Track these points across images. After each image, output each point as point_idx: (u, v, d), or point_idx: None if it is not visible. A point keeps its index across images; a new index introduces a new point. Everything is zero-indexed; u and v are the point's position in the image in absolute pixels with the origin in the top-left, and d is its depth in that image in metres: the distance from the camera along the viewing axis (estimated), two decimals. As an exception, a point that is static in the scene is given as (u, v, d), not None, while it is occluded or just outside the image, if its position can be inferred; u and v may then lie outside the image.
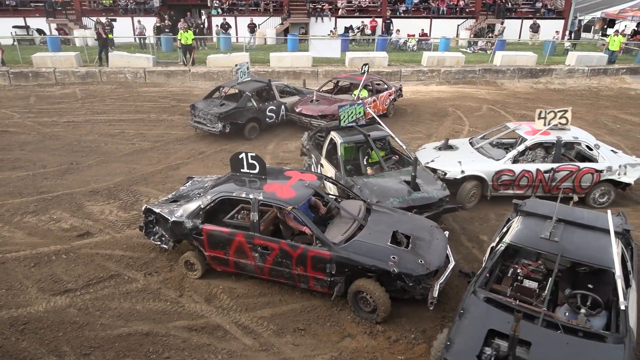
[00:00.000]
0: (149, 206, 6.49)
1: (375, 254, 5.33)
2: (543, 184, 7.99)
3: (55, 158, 10.15)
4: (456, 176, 7.75)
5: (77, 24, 24.49)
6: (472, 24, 27.00)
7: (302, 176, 6.23)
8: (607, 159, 8.06)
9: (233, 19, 25.15)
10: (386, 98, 12.92)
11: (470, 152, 8.40)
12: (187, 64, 17.95)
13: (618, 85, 18.50)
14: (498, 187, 7.97)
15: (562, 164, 7.96)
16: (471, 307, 4.53)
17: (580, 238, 4.93)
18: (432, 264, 5.32)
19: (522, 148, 8.07)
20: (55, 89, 16.01)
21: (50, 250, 6.81)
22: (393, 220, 6.02)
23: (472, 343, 4.16)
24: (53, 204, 8.17)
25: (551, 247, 4.81)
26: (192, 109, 11.42)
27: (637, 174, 8.09)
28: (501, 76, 18.69)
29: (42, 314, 5.58)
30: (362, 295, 5.37)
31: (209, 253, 6.01)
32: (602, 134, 12.35)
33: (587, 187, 8.06)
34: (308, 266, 5.52)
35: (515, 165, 7.92)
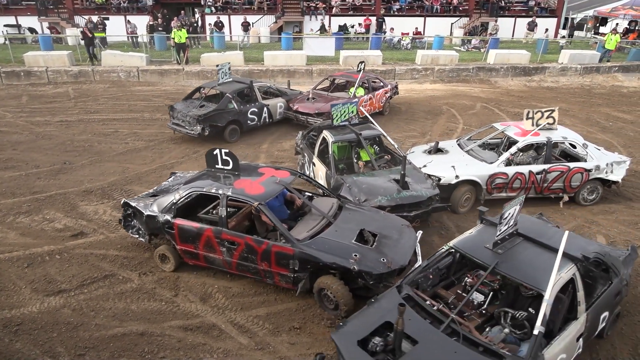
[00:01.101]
0: (127, 200, 6.61)
1: (337, 251, 5.37)
2: (535, 185, 8.01)
3: (48, 158, 10.08)
4: (451, 181, 7.64)
5: (70, 22, 24.29)
6: (465, 22, 27.07)
7: (275, 173, 6.32)
8: (595, 158, 8.12)
9: (227, 17, 25.06)
10: (382, 96, 12.93)
11: (461, 155, 8.29)
12: (180, 63, 17.87)
13: (610, 83, 18.64)
14: (492, 190, 7.92)
15: (553, 165, 7.99)
16: (384, 299, 4.63)
17: (530, 256, 4.65)
18: (394, 263, 5.33)
19: (514, 150, 8.02)
20: (48, 88, 15.89)
21: (43, 250, 6.77)
22: (363, 218, 6.07)
23: (362, 329, 4.27)
24: (46, 204, 8.12)
25: (488, 258, 4.59)
26: (170, 110, 10.99)
27: (623, 171, 8.16)
28: (495, 74, 18.76)
29: (36, 315, 5.55)
30: (325, 292, 5.42)
31: (180, 247, 6.12)
32: (595, 132, 12.44)
33: (576, 186, 8.11)
34: (272, 262, 5.58)
35: (509, 168, 7.88)
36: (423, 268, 5.01)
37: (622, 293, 5.11)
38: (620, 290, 5.03)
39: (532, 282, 4.31)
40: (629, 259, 5.47)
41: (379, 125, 8.54)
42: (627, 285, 5.27)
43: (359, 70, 12.58)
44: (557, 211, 8.10)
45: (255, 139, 11.29)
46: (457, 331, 4.15)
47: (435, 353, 3.93)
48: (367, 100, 12.26)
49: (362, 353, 4.06)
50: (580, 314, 4.47)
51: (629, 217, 7.98)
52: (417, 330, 4.13)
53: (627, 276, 5.26)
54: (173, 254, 6.22)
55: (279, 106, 11.87)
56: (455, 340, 4.02)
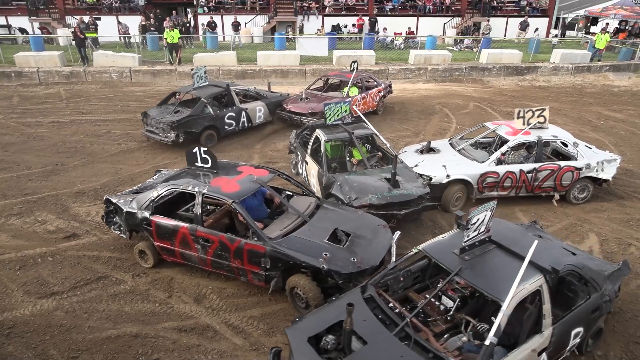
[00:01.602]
0: (108, 196, 6.70)
1: (307, 250, 5.40)
2: (526, 184, 8.05)
3: (40, 159, 10.00)
4: (442, 181, 7.69)
5: (61, 22, 24.11)
6: (458, 22, 27.19)
7: (253, 171, 6.37)
8: (585, 156, 8.16)
9: (219, 17, 24.99)
10: (376, 95, 12.96)
11: (453, 154, 8.33)
12: (173, 63, 17.79)
13: (601, 82, 18.80)
14: (483, 189, 7.97)
15: (544, 164, 8.03)
16: (345, 298, 4.65)
17: (498, 264, 4.48)
18: (365, 263, 5.33)
19: (505, 149, 8.06)
20: (39, 89, 15.76)
21: (35, 252, 6.72)
22: (338, 217, 6.11)
23: (316, 326, 4.29)
24: (38, 205, 8.05)
25: (451, 263, 4.48)
26: (144, 117, 10.64)
27: (613, 170, 8.22)
28: (487, 74, 18.86)
29: (28, 318, 5.51)
30: (296, 290, 5.44)
31: (158, 243, 6.20)
32: (587, 131, 12.54)
33: (567, 185, 8.16)
34: (245, 259, 5.63)
35: (499, 167, 7.92)
36: (391, 269, 4.97)
37: (601, 309, 4.84)
38: (599, 307, 4.79)
39: (492, 291, 4.14)
40: (616, 275, 5.21)
41: (372, 124, 8.55)
42: (611, 302, 4.96)
43: (352, 70, 12.58)
44: (550, 209, 8.16)
45: (249, 139, 11.26)
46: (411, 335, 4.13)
47: (380, 355, 3.91)
48: (361, 99, 12.31)
49: (310, 350, 4.07)
50: (546, 327, 4.29)
51: (621, 215, 8.06)
52: (369, 331, 4.12)
53: (612, 292, 4.99)
54: (151, 250, 6.31)
55: (259, 109, 11.54)
56: (405, 345, 3.98)
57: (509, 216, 7.91)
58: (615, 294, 5.13)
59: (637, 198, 8.70)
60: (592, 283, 4.77)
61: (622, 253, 6.95)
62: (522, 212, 8.05)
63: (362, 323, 4.17)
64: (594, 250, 7.02)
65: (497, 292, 4.08)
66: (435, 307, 4.67)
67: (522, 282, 4.02)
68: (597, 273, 4.92)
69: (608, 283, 4.95)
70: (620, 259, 6.01)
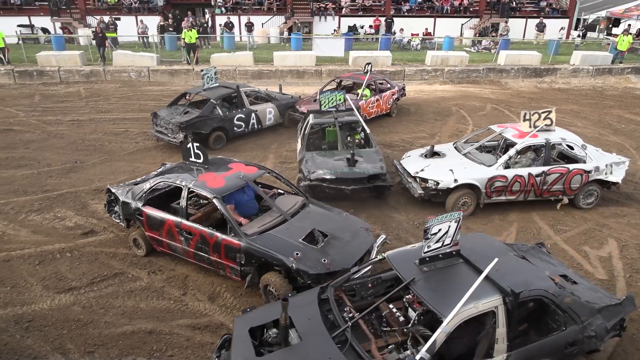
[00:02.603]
0: (110, 186, 7.04)
1: (280, 248, 5.44)
2: (535, 188, 7.84)
3: (60, 156, 10.19)
4: (449, 185, 7.54)
5: (82, 22, 24.55)
6: (476, 23, 26.91)
7: (243, 168, 6.51)
8: (594, 159, 7.97)
9: (237, 17, 25.16)
10: (389, 97, 12.87)
11: (459, 158, 8.11)
12: (190, 63, 17.97)
13: (623, 84, 18.41)
14: (491, 194, 7.75)
15: (553, 167, 7.82)
16: (301, 296, 4.68)
17: (456, 280, 4.23)
18: (335, 264, 5.31)
19: (513, 152, 7.82)
20: (60, 88, 16.06)
21: (54, 248, 6.85)
22: (321, 218, 6.15)
23: (261, 319, 4.37)
24: (57, 202, 8.21)
25: (407, 274, 4.27)
26: (153, 117, 10.65)
27: (622, 172, 8.01)
28: (505, 75, 18.62)
29: (46, 312, 5.62)
30: (269, 288, 5.48)
31: (148, 233, 6.46)
32: (607, 134, 12.30)
33: (576, 188, 7.95)
34: (222, 254, 5.76)
35: (508, 171, 7.70)
36: (358, 274, 4.89)
37: (581, 345, 4.36)
38: (576, 341, 4.31)
39: (437, 306, 3.91)
40: (612, 310, 4.61)
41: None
42: (598, 339, 4.40)
43: (366, 72, 12.54)
44: (568, 214, 8.02)
45: (265, 139, 11.31)
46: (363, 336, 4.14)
47: (310, 354, 3.92)
48: (374, 101, 12.26)
49: (248, 340, 4.17)
50: (498, 353, 3.98)
51: None
52: (309, 329, 4.14)
53: (601, 328, 4.42)
54: (144, 239, 6.57)
55: (269, 111, 11.47)
56: (339, 348, 3.93)
57: (526, 220, 7.81)
58: (608, 331, 4.50)
59: (658, 203, 8.51)
60: (570, 314, 4.33)
61: (642, 259, 6.80)
62: (539, 217, 7.93)
63: (306, 321, 4.21)
64: (614, 256, 6.88)
65: (442, 308, 3.86)
66: (395, 318, 4.50)
67: (475, 300, 3.85)
68: (582, 305, 4.44)
69: (597, 318, 4.44)
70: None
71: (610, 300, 4.79)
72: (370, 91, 12.41)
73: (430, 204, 8.00)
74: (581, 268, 6.57)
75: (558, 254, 6.89)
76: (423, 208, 7.95)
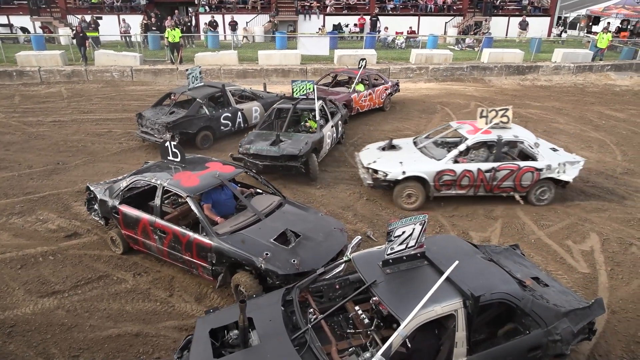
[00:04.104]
0: (89, 184, 7.04)
1: (250, 248, 5.44)
2: (484, 183, 7.94)
3: (41, 158, 10.01)
4: (397, 177, 7.74)
5: (62, 22, 24.14)
6: (459, 21, 27.16)
7: (220, 167, 6.51)
8: (546, 157, 8.03)
9: (221, 16, 25.00)
10: (382, 92, 13.29)
11: (413, 152, 8.30)
12: (174, 62, 17.80)
13: (603, 81, 18.77)
14: (440, 187, 7.90)
15: (503, 163, 7.89)
16: (264, 297, 4.67)
17: (418, 282, 4.17)
18: (305, 265, 5.30)
19: (463, 147, 7.96)
20: (41, 88, 15.78)
21: (37, 251, 6.73)
22: (295, 218, 6.15)
23: (222, 320, 4.36)
24: (39, 204, 8.07)
25: (370, 276, 4.24)
26: (138, 118, 10.57)
27: (575, 172, 8.00)
28: (489, 73, 18.84)
29: (29, 316, 5.52)
30: (239, 288, 5.49)
31: (124, 232, 6.46)
32: (588, 130, 12.53)
33: (527, 185, 8.03)
34: (194, 253, 5.77)
35: (457, 165, 7.83)
36: (322, 276, 4.86)
37: (545, 349, 4.28)
38: (540, 345, 4.24)
39: (396, 309, 3.84)
40: (580, 313, 4.51)
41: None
42: (564, 343, 4.30)
43: (360, 67, 13.02)
44: (551, 209, 8.15)
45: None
46: (326, 339, 4.09)
47: (267, 356, 3.89)
48: (367, 95, 12.72)
49: (207, 341, 4.14)
50: (457, 357, 3.94)
51: (622, 215, 8.05)
52: (268, 331, 4.11)
53: (567, 332, 4.33)
54: (121, 237, 6.56)
55: (255, 110, 11.48)
56: (297, 350, 3.89)
57: (510, 216, 7.91)
58: (575, 335, 4.43)
59: (638, 197, 8.69)
60: (535, 317, 4.27)
61: (623, 253, 6.95)
62: (523, 212, 8.04)
63: (267, 323, 4.17)
64: (596, 250, 7.01)
65: (401, 310, 3.79)
66: (360, 320, 4.43)
67: (434, 303, 3.81)
68: (547, 308, 4.36)
69: (563, 321, 4.36)
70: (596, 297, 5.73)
71: (579, 303, 4.71)
72: (364, 86, 12.83)
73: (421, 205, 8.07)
74: (564, 262, 6.69)
75: (542, 248, 7.00)
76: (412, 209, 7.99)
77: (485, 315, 4.39)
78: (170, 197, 6.93)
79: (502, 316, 4.48)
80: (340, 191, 8.66)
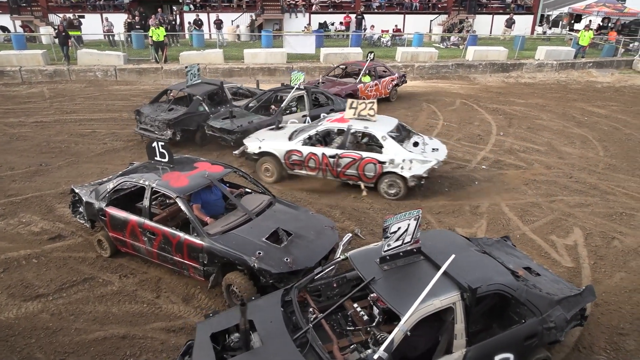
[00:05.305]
0: (73, 187, 6.90)
1: (242, 247, 5.42)
2: (329, 168, 8.34)
3: (24, 160, 9.84)
4: (255, 151, 8.73)
5: (44, 20, 23.72)
6: (444, 19, 27.34)
7: (208, 167, 6.48)
8: (392, 152, 8.02)
9: (205, 15, 24.81)
10: (388, 83, 14.28)
11: (282, 133, 9.05)
12: (159, 62, 17.63)
13: (585, 78, 19.07)
14: (291, 166, 8.62)
15: (346, 151, 8.20)
16: (263, 299, 4.66)
17: (416, 277, 4.20)
18: (298, 263, 5.30)
19: (312, 132, 8.58)
20: (22, 89, 15.49)
21: (20, 254, 6.61)
22: (286, 217, 6.15)
23: (223, 323, 4.35)
24: (22, 207, 7.93)
25: (368, 273, 4.26)
26: (136, 115, 10.66)
27: (420, 170, 7.88)
28: (474, 71, 19.01)
29: (12, 321, 5.42)
30: (232, 288, 5.48)
31: (112, 234, 6.38)
32: (571, 126, 12.72)
33: (372, 176, 8.19)
34: (185, 254, 5.73)
35: (304, 147, 8.44)
36: (320, 275, 4.85)
37: (541, 337, 4.39)
38: (536, 333, 4.35)
39: (396, 304, 3.89)
40: (572, 300, 4.69)
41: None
42: (558, 330, 4.46)
43: (367, 60, 14.03)
44: (536, 205, 8.26)
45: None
46: (325, 338, 4.09)
47: (270, 357, 3.91)
48: (373, 86, 13.76)
49: (209, 345, 4.11)
50: (457, 349, 3.99)
51: (604, 210, 8.19)
52: (270, 333, 4.12)
53: (560, 319, 4.48)
54: (108, 240, 6.48)
55: None
56: (299, 350, 3.90)
57: (496, 212, 8.00)
58: (568, 321, 4.58)
59: (620, 192, 8.85)
60: (529, 307, 4.38)
61: (605, 246, 7.08)
62: (508, 208, 8.14)
63: (268, 324, 4.18)
64: (579, 244, 7.13)
65: (401, 306, 3.83)
66: (359, 317, 4.47)
67: (433, 297, 3.85)
68: (541, 297, 4.49)
69: (556, 309, 4.50)
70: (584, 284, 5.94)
71: (571, 290, 4.85)
72: (370, 77, 13.84)
73: (405, 201, 8.15)
74: (549, 257, 6.79)
75: (527, 243, 7.09)
76: (398, 205, 8.04)
77: (482, 306, 4.48)
78: (158, 198, 6.86)
79: (497, 306, 4.58)
80: (327, 189, 8.66)
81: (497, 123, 12.77)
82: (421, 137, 8.88)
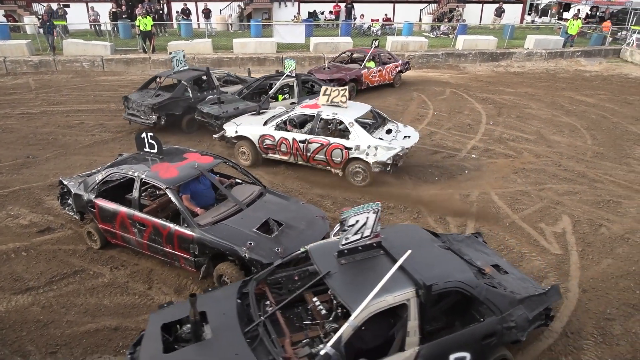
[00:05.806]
0: (62, 178, 6.83)
1: (233, 238, 5.42)
2: (300, 153, 8.53)
3: (10, 152, 9.70)
4: (232, 135, 9.00)
5: (28, 10, 23.25)
6: (434, 8, 27.27)
7: (198, 158, 6.44)
8: (358, 138, 8.09)
9: (194, 4, 24.47)
10: (392, 69, 14.83)
11: (261, 118, 9.21)
12: (147, 51, 17.40)
13: (574, 67, 19.19)
14: (265, 150, 8.87)
15: (315, 137, 8.37)
16: (220, 290, 4.67)
17: (374, 272, 4.08)
18: (288, 254, 5.22)
19: (285, 117, 8.81)
20: (7, 80, 15.22)
21: (8, 247, 6.55)
22: (276, 207, 6.16)
23: (176, 314, 4.34)
24: (10, 199, 7.83)
25: (325, 266, 4.18)
26: (125, 101, 10.78)
27: (384, 157, 7.90)
28: (463, 60, 19.03)
29: (2, 314, 5.39)
30: (223, 278, 5.50)
31: (101, 226, 6.34)
32: (560, 115, 12.82)
33: (339, 162, 8.32)
34: (175, 245, 5.73)
35: (276, 132, 8.66)
36: (280, 268, 4.81)
37: (499, 336, 4.28)
38: (494, 332, 4.25)
39: (347, 300, 3.80)
40: (535, 300, 4.61)
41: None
42: (519, 330, 4.37)
43: (372, 47, 14.34)
44: (525, 193, 8.35)
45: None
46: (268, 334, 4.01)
47: (217, 350, 3.87)
48: (377, 71, 14.29)
49: (158, 336, 4.07)
50: (410, 346, 3.90)
51: (592, 197, 8.30)
52: (221, 325, 4.07)
53: (522, 319, 4.38)
54: (98, 232, 6.45)
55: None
56: (248, 343, 3.85)
57: (486, 200, 8.07)
58: (531, 321, 4.49)
59: (607, 180, 8.97)
60: (489, 305, 4.26)
61: (593, 234, 7.18)
62: (497, 196, 8.22)
63: (220, 316, 4.13)
64: (567, 231, 7.23)
65: (352, 301, 3.74)
66: (318, 311, 4.38)
67: (386, 293, 3.75)
68: (502, 295, 4.38)
69: (518, 308, 4.41)
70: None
71: (536, 290, 4.77)
72: (374, 63, 14.33)
73: (396, 190, 8.19)
74: (538, 244, 6.88)
75: (516, 231, 7.18)
76: (391, 195, 8.07)
77: (443, 304, 4.42)
78: (147, 190, 6.82)
79: (460, 304, 4.48)
80: (318, 178, 8.66)
81: (486, 112, 12.83)
82: (395, 124, 9.03)
